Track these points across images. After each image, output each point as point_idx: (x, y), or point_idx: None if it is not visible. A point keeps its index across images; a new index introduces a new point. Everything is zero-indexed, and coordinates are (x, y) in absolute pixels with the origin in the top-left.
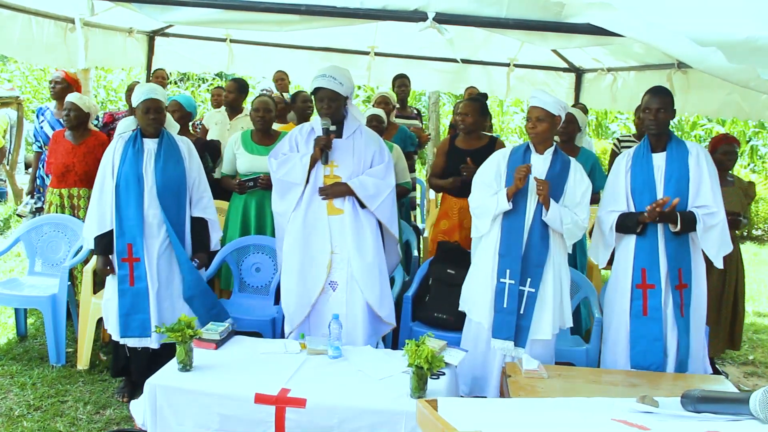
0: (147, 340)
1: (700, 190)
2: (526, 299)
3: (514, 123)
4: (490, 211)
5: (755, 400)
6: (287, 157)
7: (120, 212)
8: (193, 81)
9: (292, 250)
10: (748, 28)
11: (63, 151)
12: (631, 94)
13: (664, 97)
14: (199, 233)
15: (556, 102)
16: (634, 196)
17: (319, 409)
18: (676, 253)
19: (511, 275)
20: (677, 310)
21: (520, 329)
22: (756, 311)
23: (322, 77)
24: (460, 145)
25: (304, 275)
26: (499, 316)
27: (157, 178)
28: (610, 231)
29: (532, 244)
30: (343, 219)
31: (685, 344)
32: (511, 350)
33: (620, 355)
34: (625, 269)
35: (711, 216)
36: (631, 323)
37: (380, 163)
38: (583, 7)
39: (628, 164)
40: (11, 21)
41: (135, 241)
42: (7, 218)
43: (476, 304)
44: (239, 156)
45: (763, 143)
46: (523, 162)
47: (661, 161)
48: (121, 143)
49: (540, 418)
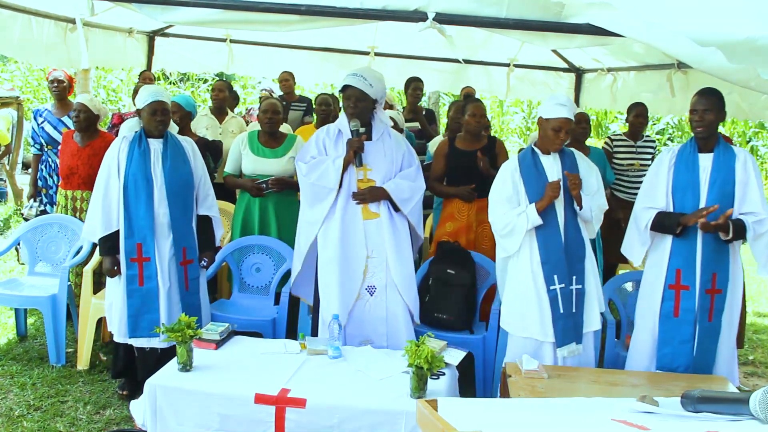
0: (155, 340)
1: (746, 196)
2: (576, 297)
3: (514, 123)
4: (521, 229)
5: (755, 400)
6: (317, 160)
7: (129, 212)
8: (193, 81)
9: (331, 258)
10: (748, 28)
11: (69, 152)
12: (631, 94)
13: (711, 97)
14: (206, 231)
15: (574, 106)
16: (675, 195)
17: (319, 409)
18: (713, 257)
19: (559, 279)
20: (704, 315)
21: (577, 327)
22: (756, 311)
23: (352, 76)
24: (460, 147)
25: (343, 282)
26: (559, 323)
27: (166, 177)
28: (645, 229)
29: (569, 243)
30: (380, 223)
31: (709, 348)
32: (577, 350)
33: (644, 355)
34: (659, 269)
35: (760, 223)
36: (661, 324)
37: (410, 165)
38: (583, 7)
39: (672, 161)
40: (11, 21)
41: (145, 240)
42: (7, 218)
43: (525, 319)
44: (245, 156)
45: (763, 143)
46: (536, 166)
47: (707, 162)
48: (125, 144)
49: (540, 418)
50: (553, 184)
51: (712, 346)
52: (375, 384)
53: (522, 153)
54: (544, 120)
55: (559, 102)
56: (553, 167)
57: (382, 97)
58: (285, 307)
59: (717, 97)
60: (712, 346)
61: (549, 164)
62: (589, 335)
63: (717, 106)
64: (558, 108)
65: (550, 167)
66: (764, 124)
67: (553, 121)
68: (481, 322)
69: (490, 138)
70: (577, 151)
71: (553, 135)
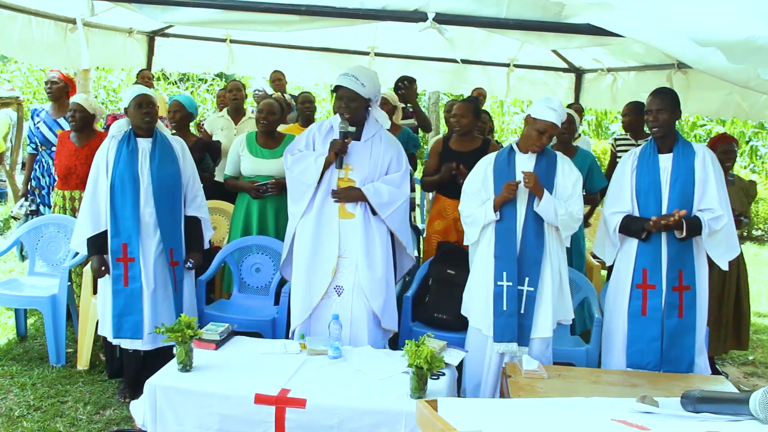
0: (138, 342)
1: (705, 193)
2: (525, 299)
3: (514, 123)
4: (479, 221)
5: (755, 400)
6: (302, 154)
7: (115, 212)
8: (193, 81)
9: (302, 251)
10: (748, 28)
11: (66, 153)
12: (631, 94)
13: (665, 97)
14: (193, 232)
15: (564, 114)
16: (639, 197)
17: (319, 409)
18: (677, 254)
19: (508, 277)
20: (673, 312)
21: (522, 329)
22: (756, 311)
23: (344, 76)
24: (453, 147)
25: (310, 278)
26: (499, 320)
27: (153, 177)
28: (614, 233)
29: (527, 243)
30: (354, 223)
31: (682, 344)
32: (515, 351)
33: (617, 353)
34: (626, 269)
35: (716, 220)
36: (629, 323)
37: (397, 170)
38: (583, 7)
39: (634, 164)
40: (11, 21)
41: (130, 240)
42: (7, 218)
43: (476, 310)
44: (243, 158)
45: (763, 143)
46: (508, 163)
47: (667, 163)
48: (114, 143)
49: (540, 418)
50: (509, 183)
51: (689, 342)
52: (375, 384)
53: (500, 150)
54: (531, 119)
55: (550, 106)
56: (526, 166)
57: (377, 96)
58: (285, 307)
59: (671, 96)
60: (689, 341)
61: (522, 163)
62: (537, 341)
63: (671, 105)
64: (548, 111)
65: (522, 166)
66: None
67: (539, 123)
68: None
69: (485, 139)
70: (561, 154)
71: (536, 136)
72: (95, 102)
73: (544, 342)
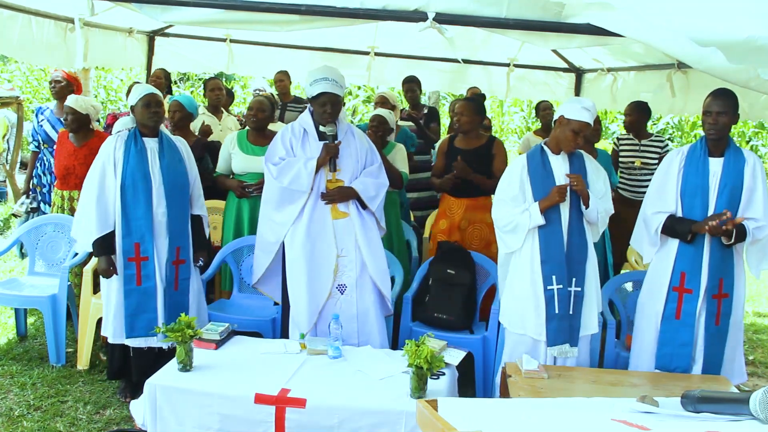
0: (153, 339)
1: (752, 202)
2: (573, 299)
3: (514, 123)
4: (523, 228)
5: (755, 400)
6: (287, 162)
7: (126, 211)
8: (193, 81)
9: (298, 257)
10: (748, 28)
11: (65, 153)
12: (631, 94)
13: (727, 100)
14: (199, 231)
15: (596, 113)
16: (684, 198)
17: (319, 409)
18: (720, 262)
19: (557, 280)
20: (711, 319)
21: (572, 329)
22: (756, 311)
23: (325, 81)
24: (458, 145)
25: (311, 282)
26: (553, 323)
27: (164, 176)
28: (655, 233)
29: (572, 245)
30: (349, 222)
31: (718, 352)
32: (568, 352)
33: (646, 355)
34: (664, 270)
35: (760, 230)
36: (662, 325)
37: (373, 162)
38: (583, 7)
39: (681, 164)
40: (11, 21)
41: (143, 240)
42: (7, 218)
43: (522, 316)
44: (234, 156)
45: (763, 143)
46: (544, 165)
47: (717, 167)
48: (120, 142)
49: (540, 418)
50: (560, 188)
51: (720, 349)
52: (375, 384)
53: (531, 151)
54: (566, 120)
55: (584, 106)
56: (562, 168)
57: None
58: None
59: (733, 99)
60: (720, 348)
61: (557, 164)
62: (585, 339)
63: (732, 109)
64: (582, 111)
65: (558, 168)
66: (764, 124)
67: (574, 123)
68: (481, 322)
69: (490, 137)
70: (586, 154)
71: (571, 136)
72: (88, 102)
73: (589, 339)
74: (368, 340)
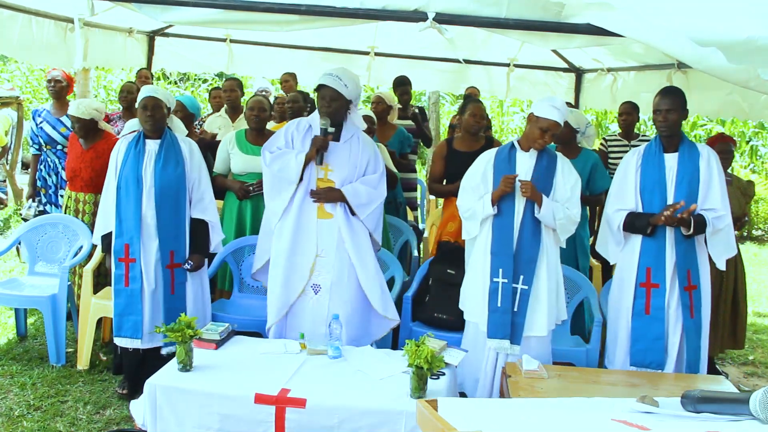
0: (137, 341)
1: (709, 193)
2: (519, 296)
3: (513, 123)
4: (477, 215)
5: (755, 400)
6: (282, 152)
7: (119, 212)
8: (193, 81)
9: (281, 250)
10: (748, 28)
11: (74, 155)
12: (631, 94)
13: (675, 97)
14: (197, 235)
15: (566, 113)
16: (644, 195)
17: (319, 409)
18: (685, 254)
19: (503, 274)
20: (687, 312)
21: (515, 327)
22: (756, 311)
23: (328, 75)
24: (458, 148)
25: (288, 276)
26: (493, 316)
27: (155, 179)
28: (618, 230)
29: (523, 241)
30: (332, 223)
31: (696, 346)
32: (507, 348)
33: (620, 352)
34: (629, 267)
35: (719, 219)
36: (633, 321)
37: (374, 172)
38: (583, 7)
39: (638, 162)
40: (11, 21)
41: (132, 241)
42: (7, 218)
43: (472, 304)
44: (233, 156)
45: (763, 143)
46: (509, 160)
47: (673, 162)
48: (124, 144)
49: (540, 418)
50: (507, 177)
51: (697, 343)
52: (375, 384)
53: (501, 146)
54: (534, 117)
55: (553, 104)
56: (527, 164)
57: (357, 98)
58: None
59: (679, 96)
60: (698, 342)
61: (523, 161)
62: (534, 340)
63: (680, 106)
64: (551, 110)
65: (523, 164)
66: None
67: (542, 121)
68: None
69: (488, 138)
70: (561, 155)
71: (538, 134)
72: (90, 106)
73: (542, 341)
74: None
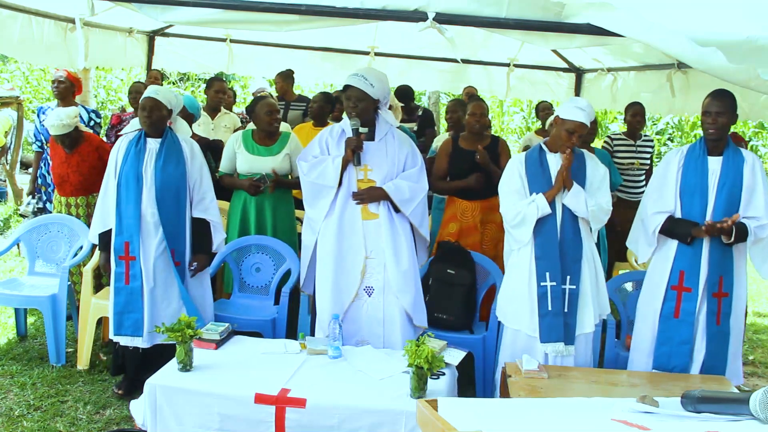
0: (138, 339)
1: (752, 200)
2: (568, 297)
3: (514, 123)
4: (531, 219)
5: (755, 400)
6: (318, 159)
7: (120, 210)
8: (193, 81)
9: (327, 256)
10: (748, 28)
11: (58, 160)
12: (631, 94)
13: (726, 100)
14: (199, 235)
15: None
16: (683, 197)
17: (319, 409)
18: (720, 260)
19: (551, 277)
20: (712, 318)
21: (567, 327)
22: (756, 311)
23: (354, 76)
24: (464, 146)
25: (338, 281)
26: (545, 320)
27: (156, 177)
28: (653, 234)
29: (566, 241)
30: (379, 223)
31: (719, 351)
32: (563, 351)
33: (644, 354)
34: (662, 269)
35: (761, 228)
36: (660, 324)
37: (413, 166)
38: (583, 7)
39: (680, 163)
40: (11, 21)
41: (132, 239)
42: (7, 218)
43: (514, 312)
44: (239, 155)
45: (763, 143)
46: (541, 163)
47: (716, 166)
48: (125, 142)
49: (540, 418)
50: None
51: (722, 349)
52: (375, 384)
53: (529, 150)
54: (561, 120)
55: (579, 106)
56: (557, 165)
57: (385, 97)
58: (285, 307)
59: (731, 99)
60: (722, 349)
61: (554, 163)
62: (583, 338)
63: (731, 109)
64: (577, 111)
65: (555, 166)
66: (764, 124)
67: (569, 123)
68: (481, 322)
69: (493, 137)
70: (587, 151)
71: (565, 136)
72: (68, 114)
73: (588, 338)
74: (393, 346)
